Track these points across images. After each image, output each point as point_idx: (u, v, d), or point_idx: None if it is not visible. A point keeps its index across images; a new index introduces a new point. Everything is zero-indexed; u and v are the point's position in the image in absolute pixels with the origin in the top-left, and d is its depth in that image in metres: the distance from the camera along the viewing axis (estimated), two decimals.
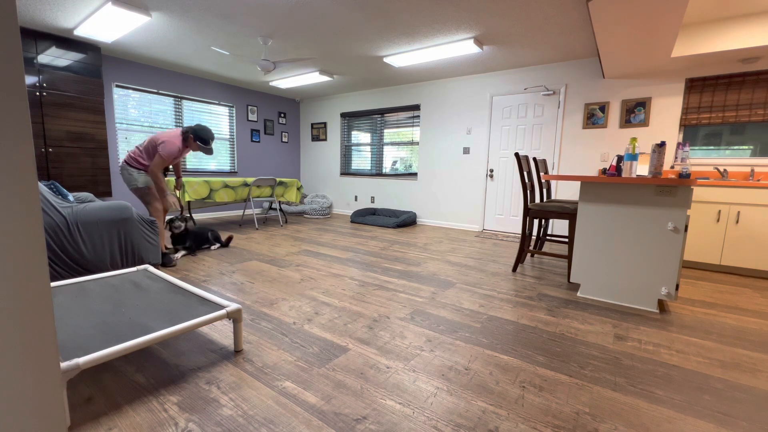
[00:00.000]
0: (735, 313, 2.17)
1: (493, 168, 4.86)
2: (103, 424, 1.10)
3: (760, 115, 3.30)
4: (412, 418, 1.16)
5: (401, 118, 5.73)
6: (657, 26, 2.64)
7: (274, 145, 6.67)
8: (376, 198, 6.16)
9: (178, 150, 2.85)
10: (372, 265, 3.05)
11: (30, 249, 0.60)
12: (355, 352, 1.58)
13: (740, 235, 2.99)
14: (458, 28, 3.33)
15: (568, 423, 1.16)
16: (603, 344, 1.71)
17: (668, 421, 1.18)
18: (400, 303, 2.18)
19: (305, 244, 3.82)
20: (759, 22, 2.90)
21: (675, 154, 3.61)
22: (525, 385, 1.36)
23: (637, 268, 2.18)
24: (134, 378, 1.34)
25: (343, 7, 2.99)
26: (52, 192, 2.34)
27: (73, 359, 1.07)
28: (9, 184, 0.58)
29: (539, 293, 2.43)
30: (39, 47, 3.65)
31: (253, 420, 1.13)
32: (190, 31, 3.60)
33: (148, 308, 1.51)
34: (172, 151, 2.80)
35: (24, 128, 0.59)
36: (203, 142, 2.91)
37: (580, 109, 4.15)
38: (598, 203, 2.28)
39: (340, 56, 4.28)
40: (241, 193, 4.62)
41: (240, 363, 1.46)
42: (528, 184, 3.15)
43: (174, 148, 2.81)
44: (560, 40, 3.57)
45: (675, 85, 3.63)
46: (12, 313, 0.59)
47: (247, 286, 2.43)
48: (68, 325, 1.34)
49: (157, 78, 4.95)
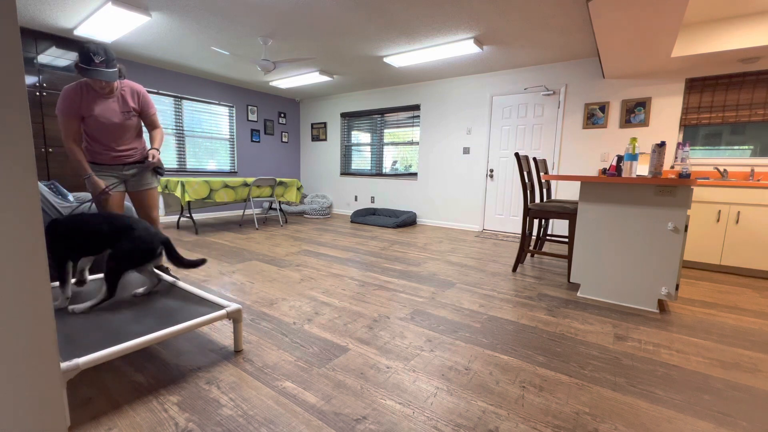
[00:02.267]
0: (735, 313, 2.17)
1: (493, 168, 4.86)
2: (103, 424, 1.10)
3: (760, 115, 3.30)
4: (412, 418, 1.16)
5: (401, 118, 5.73)
6: (657, 26, 2.64)
7: (274, 145, 6.67)
8: (376, 198, 6.16)
9: (70, 98, 1.91)
10: (372, 265, 3.05)
11: (30, 249, 0.60)
12: (355, 352, 1.58)
13: (740, 235, 2.99)
14: (458, 28, 3.33)
15: (568, 423, 1.16)
16: (603, 344, 1.71)
17: (668, 421, 1.18)
18: (400, 303, 2.18)
19: (305, 244, 3.82)
20: (759, 22, 2.90)
21: (675, 154, 3.61)
22: (525, 385, 1.36)
23: (637, 268, 2.18)
24: (134, 378, 1.34)
25: (343, 7, 2.99)
26: (52, 192, 2.34)
27: (73, 359, 1.07)
28: (9, 184, 0.58)
29: (539, 293, 2.43)
30: (39, 47, 3.65)
31: (253, 420, 1.13)
32: (190, 31, 3.60)
33: (149, 308, 1.51)
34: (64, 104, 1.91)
35: (24, 128, 0.59)
36: (81, 60, 1.81)
37: (580, 109, 4.15)
38: (598, 203, 2.28)
39: (340, 56, 4.28)
40: (241, 193, 4.62)
41: (240, 363, 1.46)
42: (528, 184, 3.15)
43: (63, 95, 1.91)
44: (560, 40, 3.57)
45: (675, 85, 3.63)
46: (12, 313, 0.59)
47: (247, 286, 2.43)
48: (68, 325, 1.34)
49: (157, 78, 4.95)
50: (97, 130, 2.01)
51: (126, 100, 2.07)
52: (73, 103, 1.91)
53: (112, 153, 2.08)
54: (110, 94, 2.01)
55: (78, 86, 1.93)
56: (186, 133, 5.36)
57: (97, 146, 2.05)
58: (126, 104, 2.07)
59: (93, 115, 1.96)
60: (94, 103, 1.96)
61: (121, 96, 2.06)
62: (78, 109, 1.92)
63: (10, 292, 0.61)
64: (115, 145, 2.08)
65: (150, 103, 2.19)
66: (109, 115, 2.00)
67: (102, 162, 2.09)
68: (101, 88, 1.94)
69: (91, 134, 2.02)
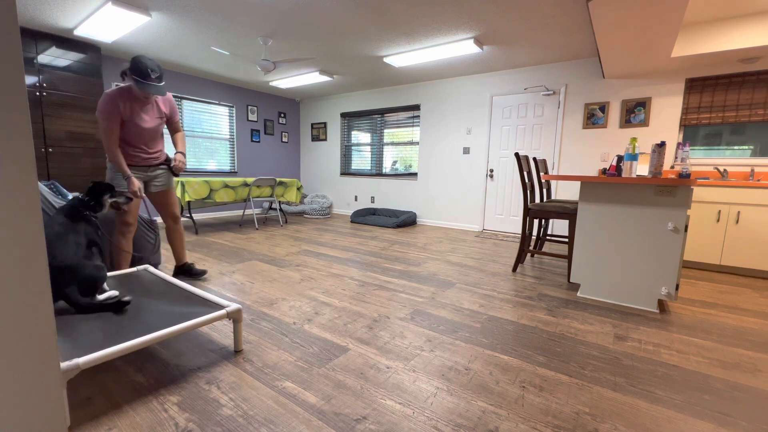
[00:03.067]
0: (735, 313, 2.17)
1: (493, 168, 4.86)
2: (103, 424, 1.10)
3: (760, 115, 3.30)
4: (412, 418, 1.16)
5: (401, 118, 5.73)
6: (657, 26, 2.64)
7: (274, 145, 6.67)
8: (376, 198, 6.16)
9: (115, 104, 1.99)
10: (372, 265, 3.05)
11: (30, 249, 0.60)
12: (355, 352, 1.58)
13: (740, 235, 2.99)
14: (458, 28, 3.33)
15: (568, 423, 1.16)
16: (603, 344, 1.71)
17: (668, 421, 1.18)
18: (400, 303, 2.18)
19: (305, 244, 3.82)
20: (759, 22, 2.90)
21: (675, 154, 3.62)
22: (525, 385, 1.36)
23: (637, 268, 2.18)
24: (134, 378, 1.34)
25: (343, 7, 2.99)
26: (52, 192, 2.34)
27: (73, 359, 1.07)
28: (9, 184, 0.58)
29: (539, 293, 2.43)
30: (39, 47, 3.65)
31: (253, 420, 1.13)
32: (190, 31, 3.60)
33: (148, 308, 1.51)
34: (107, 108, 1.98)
35: (24, 128, 0.59)
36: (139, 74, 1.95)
37: (580, 109, 4.15)
38: (598, 203, 2.28)
39: (340, 56, 4.28)
40: (241, 193, 4.62)
41: (240, 363, 1.46)
42: (528, 184, 3.15)
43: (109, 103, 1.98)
44: (560, 40, 3.57)
45: (675, 85, 3.63)
46: (12, 313, 0.59)
47: (247, 286, 2.43)
48: (68, 325, 1.34)
49: None
50: (133, 134, 2.12)
51: (159, 106, 2.22)
52: (117, 108, 2.00)
53: (144, 155, 2.22)
54: (147, 101, 2.14)
55: (120, 91, 2.03)
56: (186, 133, 5.36)
57: (130, 149, 2.16)
58: (159, 110, 2.22)
59: (132, 119, 2.08)
60: (134, 109, 2.08)
61: (155, 103, 2.20)
62: (120, 113, 2.03)
63: (10, 292, 0.61)
64: (147, 148, 2.22)
65: (176, 110, 2.35)
66: (146, 120, 2.14)
67: (133, 164, 2.19)
68: (144, 97, 2.08)
69: (127, 137, 2.13)
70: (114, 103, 1.99)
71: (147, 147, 2.22)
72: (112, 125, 2.00)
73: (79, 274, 1.47)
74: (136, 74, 1.96)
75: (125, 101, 2.04)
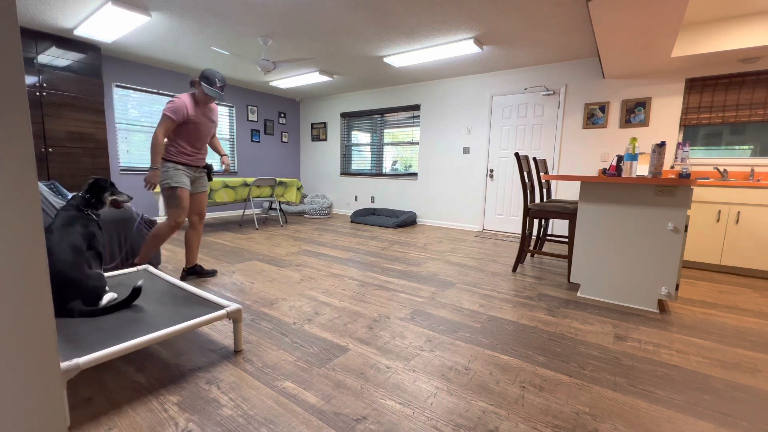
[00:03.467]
0: (735, 313, 2.17)
1: (493, 168, 4.86)
2: (103, 424, 1.10)
3: (760, 115, 3.30)
4: (412, 418, 1.16)
5: (401, 118, 5.73)
6: (657, 26, 2.64)
7: (274, 145, 6.67)
8: (376, 198, 6.15)
9: (185, 105, 2.28)
10: (372, 265, 3.05)
11: (30, 249, 0.60)
12: (355, 352, 1.58)
13: (740, 235, 2.99)
14: (458, 28, 3.33)
15: (568, 423, 1.16)
16: (603, 344, 1.71)
17: (668, 421, 1.18)
18: (400, 303, 2.18)
19: (305, 244, 3.82)
20: (759, 22, 2.90)
21: (675, 154, 3.61)
22: (525, 385, 1.36)
23: (637, 268, 2.18)
24: (134, 378, 1.34)
25: (343, 7, 2.99)
26: (52, 192, 2.34)
27: (73, 359, 1.07)
28: (9, 184, 0.58)
29: (539, 293, 2.43)
30: (39, 47, 3.65)
31: (253, 420, 1.13)
32: (190, 31, 3.60)
33: (148, 308, 1.51)
34: (178, 107, 2.25)
35: (24, 128, 0.59)
36: (207, 81, 2.31)
37: (580, 109, 4.15)
38: (598, 203, 2.28)
39: (340, 56, 4.28)
40: (241, 193, 4.62)
41: (240, 363, 1.46)
42: (528, 184, 3.15)
43: (180, 103, 2.27)
44: (560, 40, 3.57)
45: (675, 85, 3.63)
46: (12, 313, 0.59)
47: (247, 286, 2.43)
48: (68, 325, 1.34)
49: (157, 78, 4.95)
50: (192, 134, 2.36)
51: (213, 111, 2.49)
52: (185, 109, 2.28)
53: (198, 155, 2.44)
54: (208, 106, 2.43)
55: (190, 96, 2.34)
56: None
57: (189, 148, 2.38)
58: (213, 115, 2.50)
59: (194, 121, 2.33)
60: (196, 112, 2.35)
61: (210, 108, 2.47)
62: (186, 114, 2.29)
63: (10, 292, 0.61)
64: (200, 147, 2.45)
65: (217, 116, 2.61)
66: (203, 122, 2.40)
67: (185, 162, 2.37)
68: (206, 103, 2.38)
69: (188, 137, 2.35)
70: (184, 106, 2.27)
71: (201, 147, 2.45)
72: (173, 122, 2.26)
73: (82, 288, 1.48)
74: (206, 82, 2.30)
75: (192, 104, 2.33)
